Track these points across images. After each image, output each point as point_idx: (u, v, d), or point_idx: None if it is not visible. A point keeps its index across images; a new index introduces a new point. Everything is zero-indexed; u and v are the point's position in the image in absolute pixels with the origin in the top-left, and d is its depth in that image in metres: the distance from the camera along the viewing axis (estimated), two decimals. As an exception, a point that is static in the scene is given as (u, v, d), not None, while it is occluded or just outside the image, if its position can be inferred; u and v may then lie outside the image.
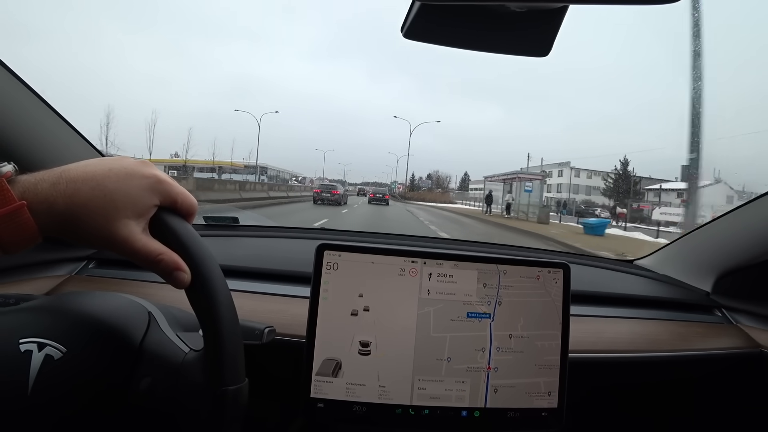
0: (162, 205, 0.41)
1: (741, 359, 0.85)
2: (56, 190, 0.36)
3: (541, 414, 0.62)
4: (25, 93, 0.71)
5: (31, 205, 0.35)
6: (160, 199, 0.41)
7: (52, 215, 0.36)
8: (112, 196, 0.38)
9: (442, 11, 0.42)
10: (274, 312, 0.74)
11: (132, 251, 0.39)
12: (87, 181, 0.37)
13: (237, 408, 0.42)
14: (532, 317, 0.64)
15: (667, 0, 0.35)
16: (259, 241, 1.17)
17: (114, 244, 0.38)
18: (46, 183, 0.36)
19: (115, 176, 0.38)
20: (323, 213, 13.23)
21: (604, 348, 0.79)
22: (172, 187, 0.42)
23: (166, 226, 0.42)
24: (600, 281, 1.05)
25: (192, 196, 0.44)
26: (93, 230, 0.37)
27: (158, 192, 0.41)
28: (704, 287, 1.01)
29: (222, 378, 0.41)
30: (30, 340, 0.41)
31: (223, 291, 0.42)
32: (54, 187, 0.36)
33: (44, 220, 0.36)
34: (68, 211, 0.36)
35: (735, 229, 0.96)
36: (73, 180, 0.37)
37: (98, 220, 0.37)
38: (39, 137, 0.75)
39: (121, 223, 0.38)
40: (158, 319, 0.50)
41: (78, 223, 0.37)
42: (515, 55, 0.48)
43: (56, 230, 0.37)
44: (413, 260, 0.62)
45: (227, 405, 0.41)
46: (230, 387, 0.41)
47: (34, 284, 0.76)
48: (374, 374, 0.60)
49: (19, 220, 0.34)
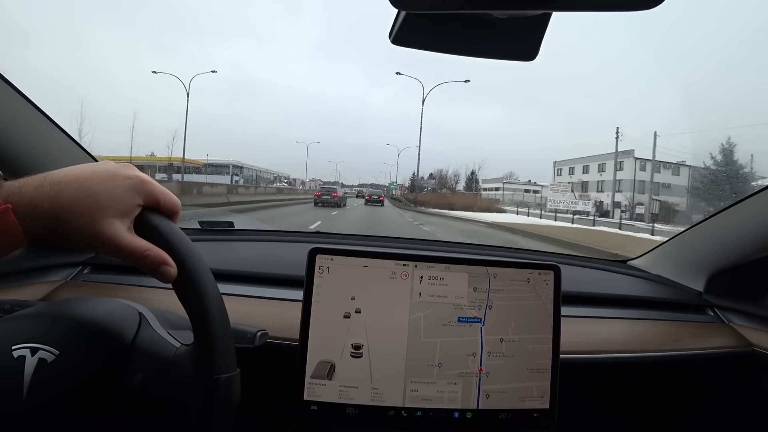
0: (145, 205, 0.42)
1: (732, 358, 0.86)
2: (40, 192, 0.37)
3: (533, 415, 0.62)
4: (16, 98, 0.72)
5: (16, 207, 0.36)
6: (144, 198, 0.42)
7: (37, 218, 0.37)
8: (96, 197, 0.39)
9: (427, 18, 0.43)
10: (267, 315, 0.75)
11: (118, 248, 0.40)
12: (71, 183, 0.38)
13: (229, 397, 0.42)
14: (523, 321, 0.64)
15: (646, 6, 0.35)
16: (253, 245, 1.17)
17: (100, 243, 0.39)
18: (29, 186, 0.37)
19: (99, 178, 0.39)
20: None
21: (596, 348, 0.79)
22: (154, 187, 0.43)
23: (150, 225, 0.43)
24: (592, 282, 1.06)
25: (174, 196, 0.45)
26: (78, 230, 0.38)
27: (141, 192, 0.42)
28: (697, 287, 1.02)
29: (213, 367, 0.42)
30: (23, 346, 0.42)
31: (209, 283, 0.43)
32: (38, 189, 0.37)
33: (29, 223, 0.36)
34: (53, 212, 0.37)
35: (727, 228, 0.97)
36: (56, 182, 0.38)
37: (83, 220, 0.38)
38: (31, 144, 0.75)
39: (106, 221, 0.39)
40: (149, 319, 0.51)
41: (63, 224, 0.38)
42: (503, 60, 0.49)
43: (42, 232, 0.38)
44: (404, 263, 0.63)
45: (219, 393, 0.42)
46: (222, 375, 0.42)
47: (30, 290, 0.76)
48: (367, 376, 0.60)
49: (4, 223, 0.35)
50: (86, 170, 0.40)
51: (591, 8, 0.37)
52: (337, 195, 20.87)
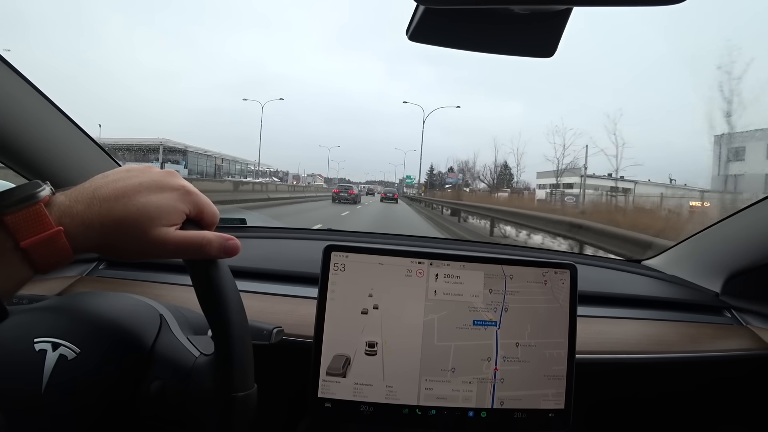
0: (189, 215, 0.42)
1: (750, 361, 0.84)
2: (91, 211, 0.37)
3: (548, 415, 0.62)
4: (42, 103, 0.73)
5: (68, 229, 0.36)
6: (190, 208, 0.42)
7: (89, 237, 0.37)
8: (145, 209, 0.38)
9: (446, 14, 0.42)
10: (282, 313, 0.75)
11: (174, 247, 0.40)
12: (119, 198, 0.38)
13: (245, 415, 0.42)
14: (539, 324, 0.63)
15: (671, 1, 0.35)
16: (267, 242, 1.18)
17: (152, 251, 0.39)
18: (81, 205, 0.37)
19: (146, 190, 0.39)
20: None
21: (611, 349, 0.78)
22: (199, 198, 0.43)
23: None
24: (607, 282, 1.04)
25: (215, 207, 0.45)
26: (128, 244, 0.38)
27: (187, 202, 0.42)
28: (713, 288, 1.01)
29: (231, 384, 0.41)
30: (44, 340, 0.42)
31: (233, 295, 0.43)
32: (89, 208, 0.37)
33: (80, 243, 0.36)
34: (103, 230, 0.37)
35: (745, 228, 0.95)
36: (106, 199, 0.37)
37: (133, 233, 0.38)
38: (61, 149, 0.77)
39: (156, 231, 0.39)
40: (169, 322, 0.51)
41: (113, 240, 0.38)
42: (520, 56, 0.48)
43: (92, 249, 0.38)
44: (420, 261, 0.62)
45: (235, 412, 0.41)
46: (239, 393, 0.41)
47: (46, 285, 0.77)
48: (381, 374, 0.60)
49: (56, 245, 0.35)
50: (133, 182, 0.39)
51: (612, 3, 0.37)
52: (354, 192, 21.79)
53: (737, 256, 0.97)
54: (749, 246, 0.93)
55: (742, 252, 0.96)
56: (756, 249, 0.92)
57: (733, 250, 0.98)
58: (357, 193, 23.09)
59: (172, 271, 0.86)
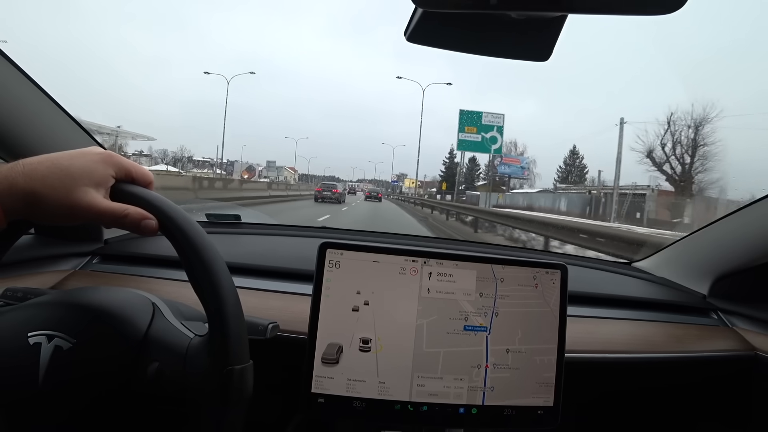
0: (118, 177, 0.44)
1: (735, 362, 0.86)
2: (14, 170, 0.39)
3: (537, 412, 0.63)
4: (23, 82, 0.72)
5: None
6: (115, 170, 0.44)
7: (14, 194, 0.39)
8: (68, 170, 0.41)
9: (444, 17, 0.43)
10: (277, 309, 0.76)
11: (97, 213, 0.42)
12: (42, 162, 0.41)
13: (243, 388, 0.43)
14: (530, 329, 0.64)
15: (666, 11, 0.36)
16: (262, 239, 1.18)
17: (78, 211, 0.41)
18: (4, 167, 0.40)
19: (68, 155, 0.42)
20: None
21: (598, 348, 0.80)
22: (123, 160, 0.45)
23: (126, 191, 0.44)
24: (597, 282, 1.06)
25: (144, 168, 0.47)
26: (55, 203, 0.40)
27: (111, 164, 0.44)
28: (701, 290, 1.03)
29: (227, 358, 0.42)
30: (39, 333, 0.43)
31: (224, 274, 0.44)
32: (12, 168, 0.39)
33: (6, 200, 0.38)
34: (29, 187, 0.39)
35: (732, 232, 0.97)
36: (29, 162, 0.40)
37: (59, 192, 0.40)
38: (36, 130, 0.76)
39: (81, 191, 0.41)
40: (162, 310, 0.52)
41: (40, 198, 0.39)
42: (516, 59, 0.49)
43: (20, 210, 0.39)
44: (414, 259, 0.63)
45: (233, 384, 0.42)
46: (236, 366, 0.42)
47: (40, 278, 0.77)
48: (374, 371, 0.61)
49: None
50: (58, 152, 0.42)
51: (608, 11, 0.38)
52: (338, 191, 21.07)
53: (725, 259, 0.99)
54: (736, 249, 0.95)
55: (729, 255, 0.98)
56: (743, 252, 0.94)
57: (721, 253, 1.00)
58: (342, 192, 22.51)
59: (166, 266, 0.86)
